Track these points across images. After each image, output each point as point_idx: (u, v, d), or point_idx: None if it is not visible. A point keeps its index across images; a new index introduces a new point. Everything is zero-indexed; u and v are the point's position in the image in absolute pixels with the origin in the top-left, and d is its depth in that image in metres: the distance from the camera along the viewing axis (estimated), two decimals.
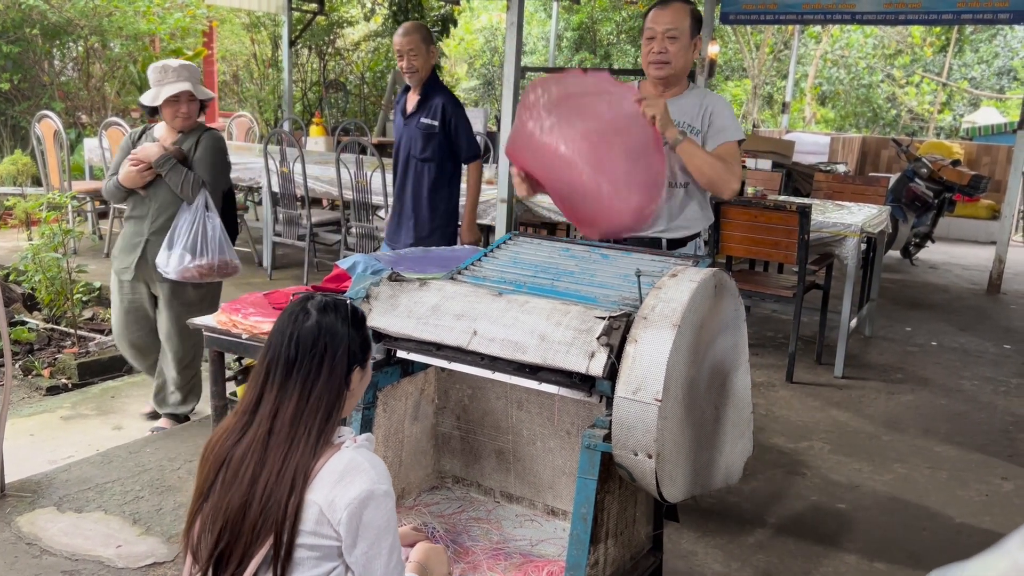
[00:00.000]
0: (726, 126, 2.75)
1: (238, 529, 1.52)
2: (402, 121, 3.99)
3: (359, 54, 13.32)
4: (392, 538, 1.57)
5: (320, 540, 1.52)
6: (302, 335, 1.59)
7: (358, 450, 1.58)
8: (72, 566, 2.58)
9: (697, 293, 1.93)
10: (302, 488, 1.51)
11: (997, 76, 18.05)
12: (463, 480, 2.65)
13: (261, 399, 1.59)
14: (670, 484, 1.92)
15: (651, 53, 2.73)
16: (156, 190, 3.47)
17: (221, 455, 1.58)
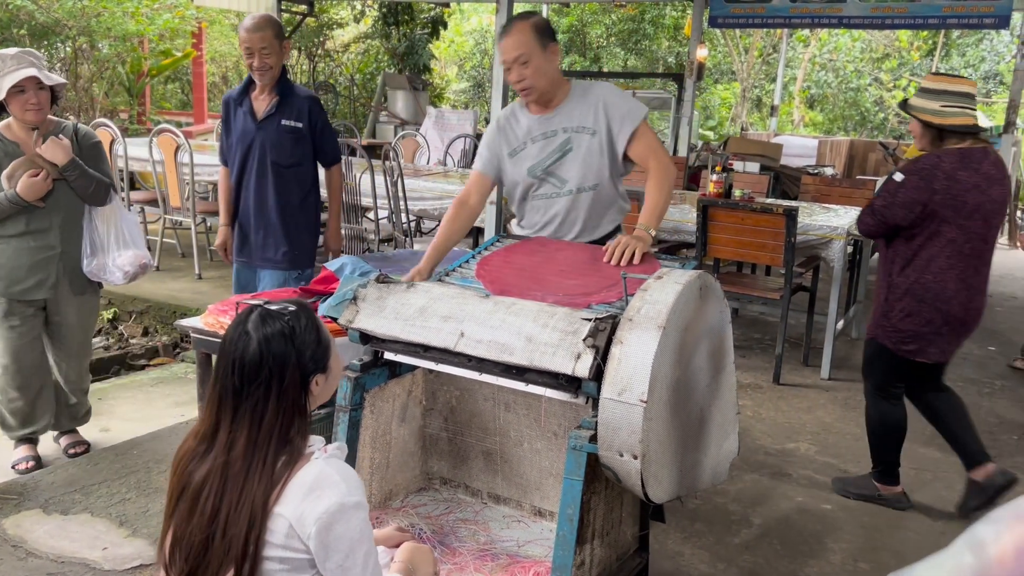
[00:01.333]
0: (626, 112, 2.71)
1: (202, 558, 1.50)
2: (252, 124, 3.51)
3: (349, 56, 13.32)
4: (367, 547, 1.53)
5: (291, 553, 1.49)
6: (246, 363, 1.52)
7: (328, 461, 1.53)
8: (58, 568, 2.57)
9: (682, 295, 1.94)
10: (261, 521, 1.47)
11: (983, 80, 18.18)
12: (451, 481, 2.66)
13: (218, 426, 1.55)
14: (656, 485, 1.93)
15: (513, 83, 2.69)
16: (59, 198, 3.14)
17: (183, 478, 1.56)
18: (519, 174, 2.80)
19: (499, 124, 2.84)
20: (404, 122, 10.80)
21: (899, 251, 3.11)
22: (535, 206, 2.84)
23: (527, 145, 2.77)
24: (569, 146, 2.74)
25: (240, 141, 3.54)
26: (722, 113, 18.49)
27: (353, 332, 2.22)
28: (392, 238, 5.74)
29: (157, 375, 4.54)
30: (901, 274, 3.09)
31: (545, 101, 2.75)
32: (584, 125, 2.72)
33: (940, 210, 2.96)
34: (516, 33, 2.63)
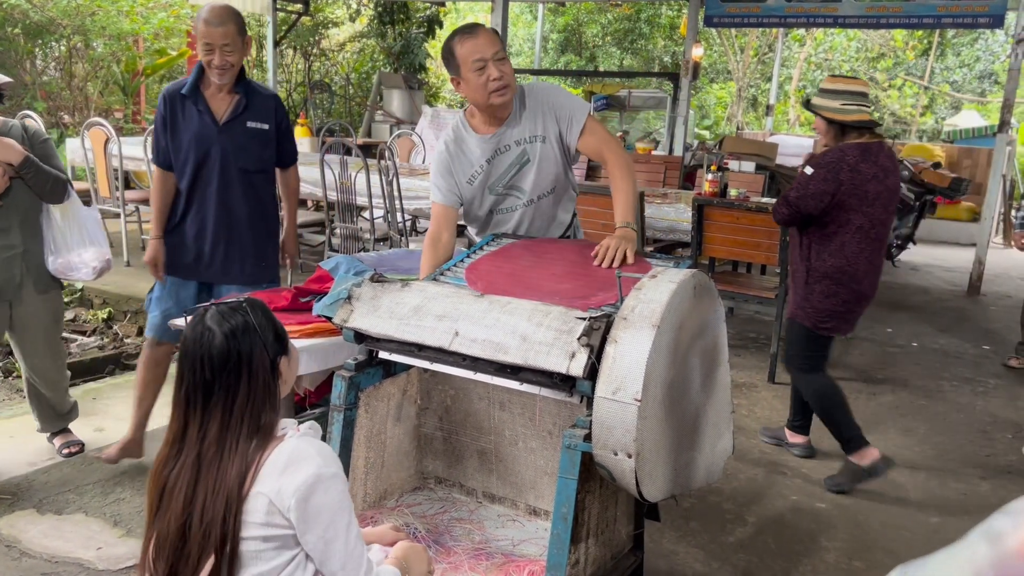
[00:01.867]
0: (572, 111, 2.66)
1: (180, 552, 1.52)
2: (212, 126, 3.11)
3: (344, 55, 13.31)
4: (348, 517, 1.57)
5: (273, 531, 1.52)
6: (213, 356, 1.57)
7: (302, 438, 1.58)
8: (52, 568, 2.57)
9: (677, 294, 1.95)
10: (238, 491, 1.51)
11: (978, 80, 18.23)
12: (445, 481, 2.65)
13: (187, 426, 1.58)
14: (650, 483, 1.93)
15: (491, 80, 2.53)
16: (16, 197, 3.10)
17: (159, 483, 1.59)
18: (481, 196, 2.75)
19: (449, 152, 2.72)
20: (400, 121, 10.79)
21: (814, 238, 3.41)
22: (502, 218, 2.81)
23: (484, 167, 2.71)
24: (526, 157, 2.70)
25: (195, 144, 3.12)
26: (718, 112, 18.51)
27: (348, 331, 2.22)
28: (388, 237, 5.73)
29: None
30: (819, 259, 3.39)
31: (504, 108, 2.63)
32: (535, 134, 2.68)
33: (846, 199, 3.26)
34: (487, 33, 2.58)
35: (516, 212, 2.78)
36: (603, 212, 4.73)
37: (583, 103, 2.74)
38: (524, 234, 2.81)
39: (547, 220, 2.83)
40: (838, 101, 3.30)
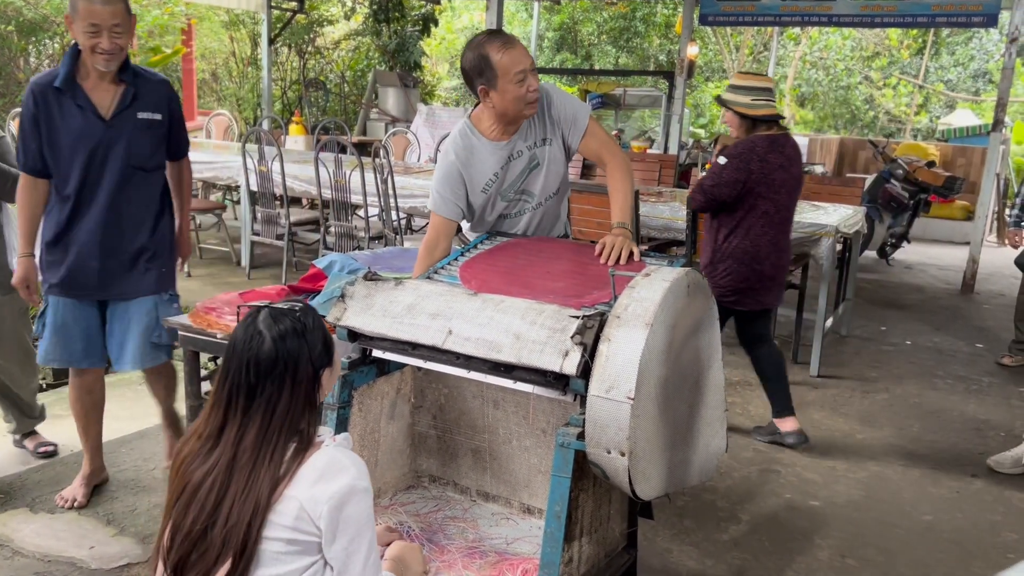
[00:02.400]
0: (573, 110, 2.67)
1: (201, 548, 1.54)
2: (96, 122, 2.73)
3: (339, 53, 13.28)
4: (371, 534, 1.59)
5: (299, 535, 1.54)
6: (261, 361, 1.58)
7: (338, 448, 1.61)
8: (44, 567, 2.56)
9: (670, 292, 1.95)
10: (265, 509, 1.53)
11: (973, 79, 18.28)
12: (439, 479, 2.65)
13: (225, 425, 1.60)
14: (643, 482, 1.93)
15: (529, 93, 2.52)
16: None
17: (186, 477, 1.59)
18: (493, 203, 2.73)
19: (460, 161, 2.65)
20: (395, 119, 10.77)
21: (724, 222, 3.69)
22: (512, 222, 2.80)
23: (499, 175, 2.68)
24: (535, 161, 2.70)
25: (78, 144, 2.72)
26: (713, 111, 18.53)
27: (341, 330, 2.21)
28: (382, 236, 5.73)
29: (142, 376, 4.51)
30: (725, 241, 3.67)
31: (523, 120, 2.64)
32: (543, 137, 2.69)
33: (755, 187, 3.55)
34: (520, 43, 2.57)
35: (525, 216, 2.79)
36: (598, 211, 4.73)
37: (584, 105, 2.75)
38: (531, 234, 2.82)
39: (552, 219, 2.86)
40: (748, 97, 3.59)
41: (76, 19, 2.61)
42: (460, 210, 2.68)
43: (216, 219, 7.25)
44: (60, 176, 2.77)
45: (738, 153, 3.56)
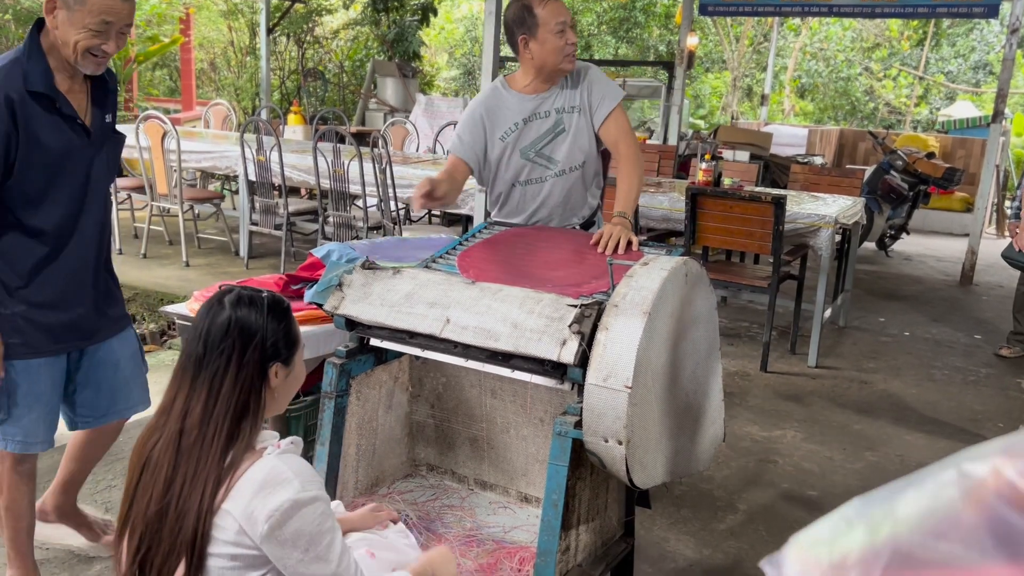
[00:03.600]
0: (607, 91, 2.74)
1: (157, 536, 1.48)
2: (80, 138, 2.21)
3: (338, 42, 13.23)
4: (330, 538, 1.50)
5: (242, 550, 1.47)
6: (212, 330, 1.53)
7: (281, 457, 1.50)
8: (43, 555, 2.57)
9: (668, 282, 1.94)
10: (212, 498, 1.45)
11: (973, 70, 18.23)
12: (437, 468, 2.66)
13: (175, 398, 1.53)
14: (640, 470, 1.94)
15: (568, 44, 2.66)
16: None
17: (143, 455, 1.53)
18: (509, 157, 2.78)
19: (486, 107, 2.78)
20: (393, 109, 10.75)
21: None
22: (528, 191, 2.83)
23: (520, 125, 2.77)
24: (561, 126, 2.76)
25: (65, 164, 2.19)
26: (713, 102, 18.49)
27: (339, 318, 2.21)
28: (381, 226, 5.72)
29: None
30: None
31: (559, 78, 2.74)
32: (573, 105, 2.75)
33: None
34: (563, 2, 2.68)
35: (546, 184, 2.80)
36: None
37: (619, 91, 2.79)
38: (552, 210, 2.83)
39: (579, 200, 2.85)
40: None
41: (80, 11, 2.05)
42: (476, 156, 2.78)
43: (214, 209, 7.24)
44: (31, 206, 2.16)
45: None
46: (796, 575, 0.45)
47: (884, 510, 0.46)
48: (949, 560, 0.41)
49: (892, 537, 0.44)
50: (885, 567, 0.43)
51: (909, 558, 0.43)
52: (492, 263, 2.39)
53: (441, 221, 7.21)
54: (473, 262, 2.39)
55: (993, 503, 0.42)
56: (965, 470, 0.44)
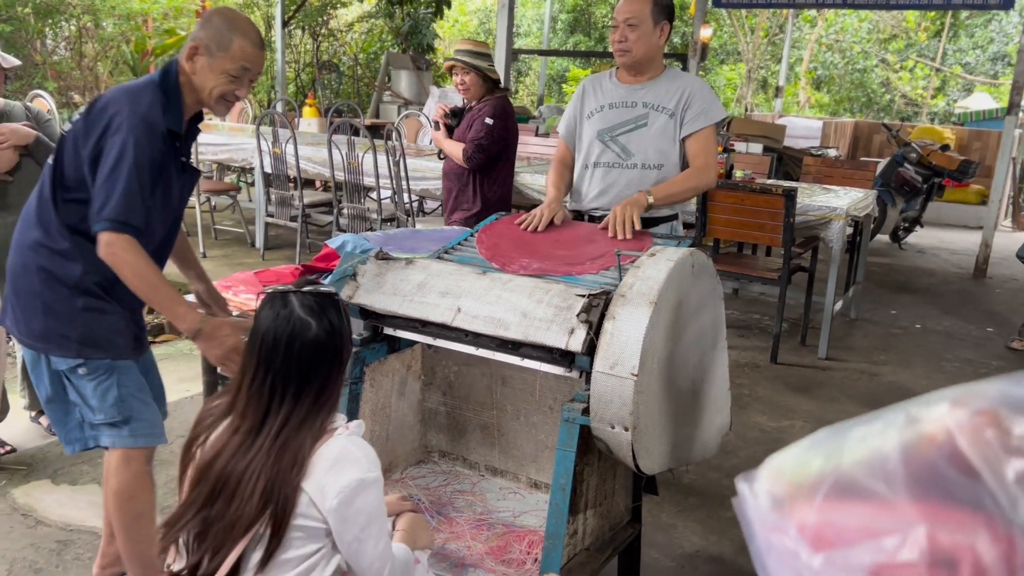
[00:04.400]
0: (705, 109, 2.80)
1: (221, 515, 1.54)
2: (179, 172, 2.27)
3: (352, 35, 13.29)
4: (380, 523, 1.60)
5: (307, 522, 1.55)
6: (307, 348, 1.57)
7: (350, 438, 1.60)
8: (66, 536, 2.65)
9: (674, 272, 1.99)
10: (299, 475, 1.54)
11: (992, 61, 18.07)
12: (449, 454, 2.72)
13: (267, 416, 1.57)
14: (646, 456, 1.98)
15: (614, 42, 2.80)
16: (26, 174, 3.10)
17: (220, 471, 1.56)
18: (589, 135, 2.89)
19: (584, 88, 2.97)
20: (407, 102, 10.79)
21: (485, 175, 3.98)
22: (596, 174, 2.90)
23: (604, 109, 2.87)
24: (644, 121, 2.83)
25: (171, 197, 2.27)
26: (727, 94, 18.42)
27: (353, 307, 2.27)
28: (394, 217, 5.78)
29: (162, 352, 4.60)
30: (490, 190, 4.01)
31: (639, 69, 2.84)
32: (665, 105, 2.81)
33: (511, 140, 4.01)
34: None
35: (615, 172, 2.85)
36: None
37: (719, 112, 2.86)
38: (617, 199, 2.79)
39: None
40: (487, 62, 3.96)
41: (222, 58, 2.14)
42: (573, 136, 2.96)
43: (230, 200, 7.32)
44: (148, 234, 2.18)
45: (501, 112, 3.95)
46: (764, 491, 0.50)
47: (838, 442, 0.51)
48: (876, 494, 0.46)
49: (836, 467, 0.49)
50: (826, 493, 0.48)
51: (845, 488, 0.48)
52: (506, 239, 2.47)
53: None
54: (491, 235, 2.48)
55: (926, 447, 0.47)
56: (912, 414, 0.49)
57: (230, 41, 2.14)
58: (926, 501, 0.45)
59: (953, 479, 0.45)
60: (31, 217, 2.21)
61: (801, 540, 0.49)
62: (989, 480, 0.43)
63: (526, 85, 17.70)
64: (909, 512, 0.46)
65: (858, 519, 0.47)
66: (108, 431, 2.19)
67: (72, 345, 2.14)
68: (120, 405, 2.19)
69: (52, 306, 2.15)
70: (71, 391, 2.20)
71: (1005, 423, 0.45)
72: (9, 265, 2.23)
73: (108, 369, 2.17)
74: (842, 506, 0.49)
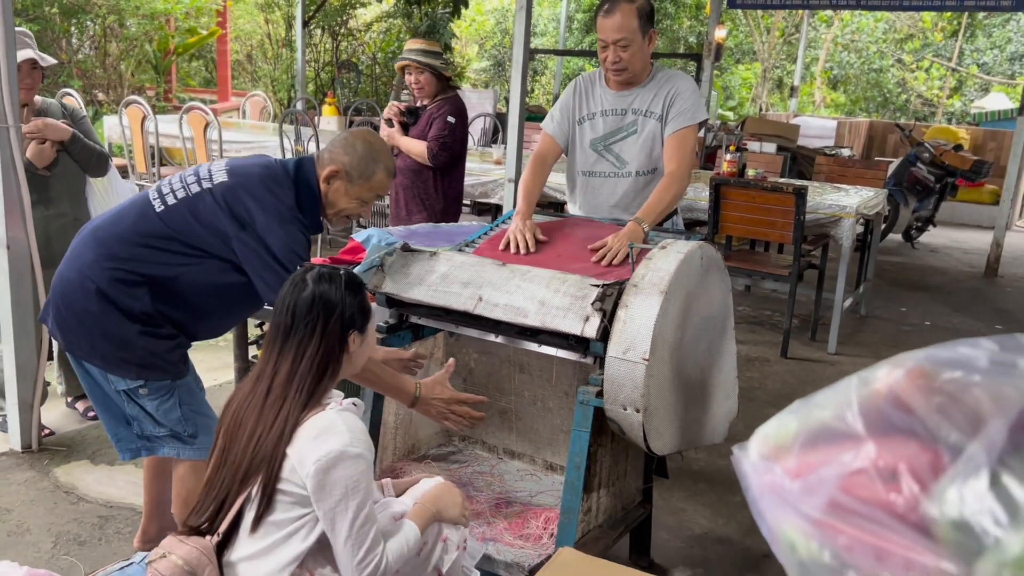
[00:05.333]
0: (685, 108, 2.78)
1: (237, 477, 1.69)
2: None
3: (371, 35, 13.45)
4: (361, 498, 1.64)
5: (291, 487, 1.66)
6: (298, 304, 1.74)
7: (340, 413, 1.69)
8: (107, 512, 2.80)
9: (684, 264, 2.11)
10: (288, 438, 1.66)
11: (1010, 61, 18.00)
12: (469, 438, 2.85)
13: (265, 364, 1.75)
14: (656, 437, 2.11)
15: (607, 61, 2.76)
16: (63, 168, 3.28)
17: (235, 412, 1.74)
18: (583, 144, 2.91)
19: (576, 89, 2.93)
20: None
21: (445, 172, 4.00)
22: (592, 184, 2.94)
23: (596, 116, 2.88)
24: (634, 128, 2.84)
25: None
26: (743, 93, 18.46)
27: (380, 296, 2.40)
28: None
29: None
30: (449, 188, 4.04)
31: (628, 81, 2.83)
32: (653, 110, 2.82)
33: (465, 136, 4.07)
34: (621, 15, 2.68)
35: (611, 181, 2.89)
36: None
37: (700, 112, 2.82)
38: (616, 208, 2.88)
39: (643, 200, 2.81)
40: (438, 60, 3.99)
41: (361, 186, 2.28)
42: (564, 135, 2.92)
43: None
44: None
45: (461, 111, 4.02)
46: (756, 454, 0.63)
47: (808, 408, 0.63)
48: (839, 433, 0.59)
49: (807, 424, 0.62)
50: (802, 444, 0.61)
51: (816, 436, 0.60)
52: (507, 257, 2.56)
53: (471, 211, 7.39)
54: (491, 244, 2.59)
55: (875, 398, 0.59)
56: (864, 377, 0.61)
57: (372, 172, 2.26)
58: (875, 432, 0.58)
59: (894, 416, 0.57)
60: (104, 239, 2.22)
61: (784, 475, 0.62)
62: (920, 412, 0.56)
63: (542, 84, 17.80)
64: (863, 440, 0.58)
65: (825, 452, 0.60)
66: (171, 443, 2.26)
67: (132, 368, 2.19)
68: (184, 423, 2.26)
69: (109, 330, 2.17)
70: (130, 407, 2.24)
71: (930, 374, 0.58)
72: (62, 275, 2.24)
73: (169, 389, 2.24)
74: (814, 449, 0.61)
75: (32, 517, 2.74)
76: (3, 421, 3.30)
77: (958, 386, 0.56)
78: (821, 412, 0.59)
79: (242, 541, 1.70)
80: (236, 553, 1.71)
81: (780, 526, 0.60)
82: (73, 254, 2.26)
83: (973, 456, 0.51)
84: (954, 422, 0.54)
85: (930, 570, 0.51)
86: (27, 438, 3.19)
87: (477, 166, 6.07)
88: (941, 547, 0.50)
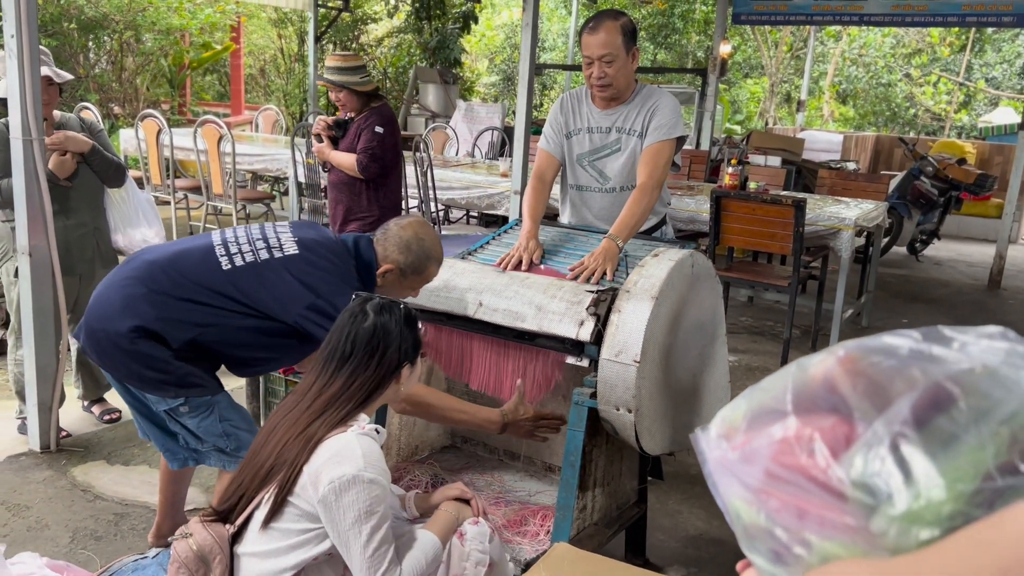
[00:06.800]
0: (663, 124, 2.81)
1: (254, 483, 1.76)
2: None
3: (382, 50, 13.65)
4: (375, 522, 1.66)
5: (301, 502, 1.71)
6: (359, 334, 1.79)
7: (359, 437, 1.71)
8: (123, 509, 2.90)
9: (675, 271, 2.21)
10: (310, 452, 1.70)
11: (1019, 76, 18.04)
12: (471, 440, 2.94)
13: (314, 383, 1.80)
14: (648, 437, 2.20)
15: (592, 77, 2.80)
16: (83, 179, 3.42)
17: (272, 423, 1.81)
18: (571, 158, 2.99)
19: (563, 105, 2.98)
20: (435, 115, 11.09)
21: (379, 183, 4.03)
22: (580, 197, 3.02)
23: (582, 132, 2.95)
24: (617, 146, 2.92)
25: None
26: (750, 108, 18.57)
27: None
28: None
29: None
30: (386, 199, 4.08)
31: (613, 97, 2.88)
32: (634, 128, 2.88)
33: (399, 146, 4.09)
34: (606, 32, 2.73)
35: (595, 196, 2.98)
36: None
37: (677, 128, 2.84)
38: (599, 221, 2.94)
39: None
40: (357, 75, 3.97)
41: (414, 279, 2.40)
42: (560, 148, 2.98)
43: (265, 208, 7.62)
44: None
45: (389, 120, 4.03)
46: (713, 436, 0.73)
47: (756, 390, 0.73)
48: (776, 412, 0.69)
49: (750, 407, 0.72)
50: (748, 423, 0.71)
51: (759, 416, 0.70)
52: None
53: (479, 222, 7.51)
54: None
55: (809, 381, 0.70)
56: (802, 364, 0.71)
57: (426, 268, 2.39)
58: (801, 409, 0.68)
59: (821, 395, 0.67)
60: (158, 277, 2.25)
61: (730, 449, 0.72)
62: (843, 391, 0.66)
63: (551, 98, 17.96)
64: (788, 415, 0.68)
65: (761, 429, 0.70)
66: (217, 455, 2.34)
67: (170, 389, 2.24)
68: (226, 438, 2.31)
69: (144, 360, 2.21)
70: (172, 424, 2.31)
71: (856, 359, 0.68)
72: (105, 298, 2.29)
73: (208, 405, 2.28)
74: (756, 427, 0.71)
75: (50, 514, 2.85)
76: (23, 423, 3.42)
77: (877, 370, 0.66)
78: (763, 395, 0.69)
79: (251, 537, 1.78)
80: (244, 547, 1.79)
81: (729, 497, 0.70)
82: (123, 281, 2.28)
83: (878, 429, 0.61)
84: (870, 400, 0.64)
85: (838, 524, 0.60)
86: (46, 439, 3.31)
87: (484, 178, 6.20)
88: (847, 505, 0.60)
